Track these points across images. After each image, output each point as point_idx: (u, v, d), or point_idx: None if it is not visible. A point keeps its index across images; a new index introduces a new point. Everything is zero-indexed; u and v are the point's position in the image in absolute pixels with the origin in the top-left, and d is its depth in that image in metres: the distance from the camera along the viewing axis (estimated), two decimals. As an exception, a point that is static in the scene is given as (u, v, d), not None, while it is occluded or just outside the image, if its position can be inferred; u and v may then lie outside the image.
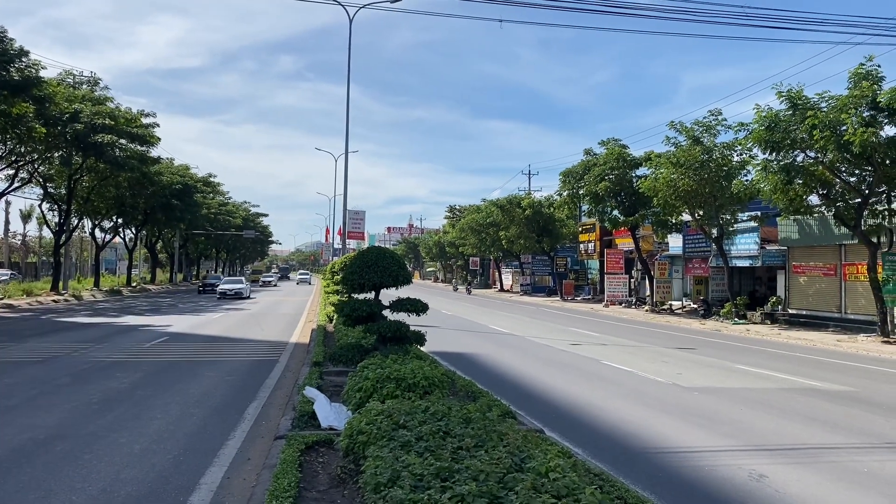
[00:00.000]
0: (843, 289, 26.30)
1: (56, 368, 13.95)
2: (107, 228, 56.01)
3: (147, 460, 7.46)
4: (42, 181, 41.70)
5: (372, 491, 4.21)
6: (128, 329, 22.82)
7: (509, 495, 3.77)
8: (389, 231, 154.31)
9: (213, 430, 8.88)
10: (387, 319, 12.05)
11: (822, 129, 20.56)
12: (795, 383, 13.99)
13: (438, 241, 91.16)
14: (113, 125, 36.65)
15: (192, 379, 12.87)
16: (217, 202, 73.31)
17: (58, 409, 10.03)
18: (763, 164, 23.82)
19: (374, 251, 12.33)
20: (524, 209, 53.43)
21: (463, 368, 13.66)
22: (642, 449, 8.49)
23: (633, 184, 36.69)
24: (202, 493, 6.42)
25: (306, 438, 7.11)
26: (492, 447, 4.75)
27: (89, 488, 6.52)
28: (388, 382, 8.01)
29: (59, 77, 38.09)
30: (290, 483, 5.45)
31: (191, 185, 57.02)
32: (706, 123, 29.48)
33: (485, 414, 6.08)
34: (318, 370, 11.67)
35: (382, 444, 5.00)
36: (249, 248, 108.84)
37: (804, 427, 9.91)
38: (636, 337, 23.67)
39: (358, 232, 52.48)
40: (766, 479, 7.22)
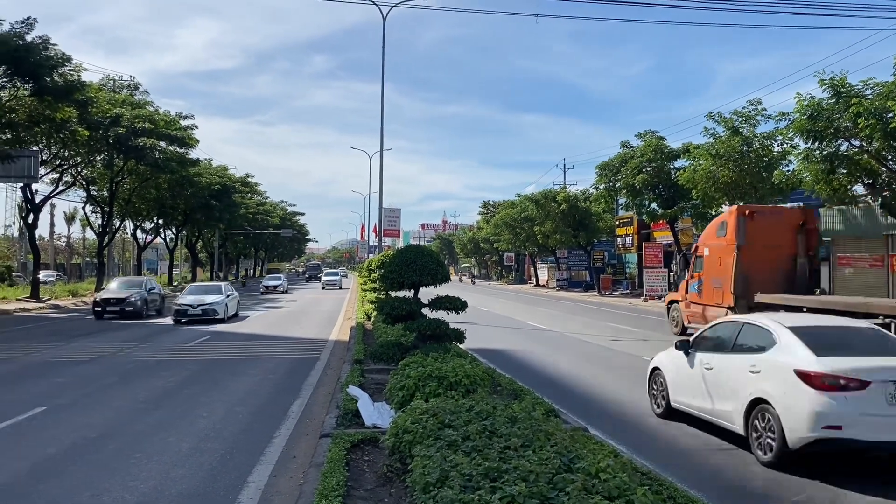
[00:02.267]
0: (891, 281, 25.63)
1: (103, 368, 14.27)
2: (148, 229, 57.08)
3: (195, 459, 7.59)
4: (85, 184, 42.64)
5: (421, 491, 4.23)
6: (171, 328, 23.24)
7: (560, 496, 3.76)
8: (423, 228, 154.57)
9: (259, 428, 9.00)
10: (426, 317, 12.08)
11: (867, 116, 20.02)
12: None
13: (473, 238, 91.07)
14: (152, 128, 37.32)
15: (235, 377, 13.06)
16: (255, 202, 74.21)
17: (107, 408, 10.26)
18: (805, 153, 23.29)
19: (413, 250, 12.37)
20: (559, 203, 53.05)
21: (502, 365, 13.62)
22: (688, 447, 8.39)
23: (671, 176, 36.21)
24: (250, 492, 6.51)
25: (351, 437, 7.16)
26: (539, 447, 4.74)
27: (141, 486, 6.65)
28: (430, 381, 8.03)
29: (100, 82, 38.91)
30: (339, 482, 5.50)
31: (229, 186, 57.77)
32: (745, 113, 28.94)
33: (530, 413, 6.06)
34: (360, 368, 11.75)
35: (429, 444, 5.02)
36: (287, 247, 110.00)
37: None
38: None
39: (393, 229, 52.97)
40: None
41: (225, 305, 25.28)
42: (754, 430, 7.53)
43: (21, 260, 60.24)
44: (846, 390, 6.84)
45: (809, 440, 6.88)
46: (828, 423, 6.78)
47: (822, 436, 6.82)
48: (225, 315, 24.97)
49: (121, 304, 26.24)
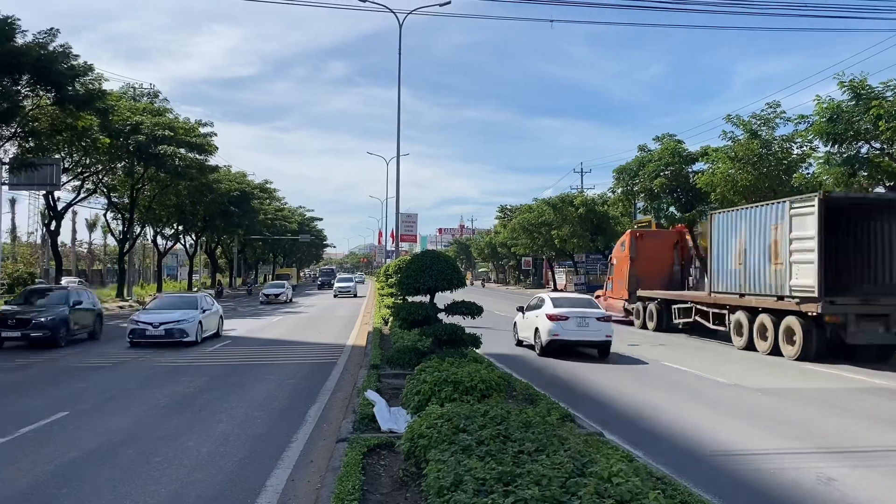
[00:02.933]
0: (913, 283, 25.30)
1: (124, 373, 14.45)
2: (168, 236, 57.63)
3: (215, 463, 7.69)
4: (106, 191, 43.13)
5: (435, 495, 4.27)
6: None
7: (572, 500, 3.79)
8: (441, 232, 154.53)
9: (277, 433, 9.08)
10: (442, 322, 12.13)
11: (888, 118, 19.84)
12: (866, 383, 13.59)
13: (490, 242, 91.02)
14: (172, 135, 37.70)
15: (254, 382, 13.17)
16: (273, 208, 74.68)
17: (128, 413, 10.39)
18: (825, 156, 23.14)
19: (429, 255, 12.44)
20: (577, 207, 52.93)
21: (518, 370, 13.64)
22: (704, 452, 8.36)
23: (689, 179, 35.96)
24: (268, 495, 6.58)
25: (368, 441, 7.22)
26: (553, 451, 4.76)
27: (162, 490, 6.75)
28: (446, 386, 8.07)
29: (120, 90, 39.39)
30: (355, 486, 5.55)
31: (248, 192, 58.19)
32: (764, 116, 28.71)
33: (544, 418, 6.09)
34: (376, 373, 11.82)
35: (444, 448, 5.06)
36: (305, 252, 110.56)
37: (875, 428, 9.62)
38: (697, 336, 23.22)
39: (410, 234, 53.05)
40: (836, 483, 7.04)
41: (198, 324, 19.42)
42: (535, 341, 17.70)
43: (44, 266, 60.99)
44: (560, 320, 16.83)
45: (549, 341, 16.98)
46: (554, 334, 16.88)
47: (552, 339, 16.93)
48: (198, 336, 19.31)
49: (24, 326, 18.03)
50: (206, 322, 20.47)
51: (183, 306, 20.48)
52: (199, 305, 20.59)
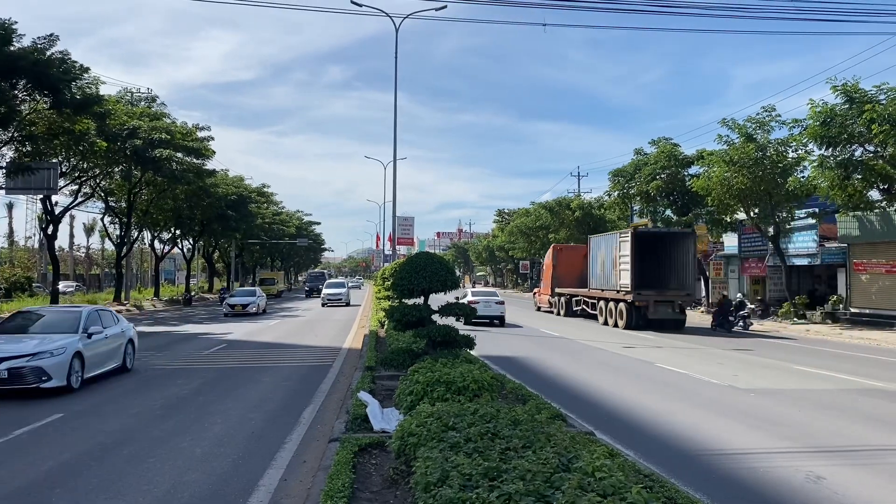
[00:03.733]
0: (908, 286, 25.49)
1: (120, 376, 14.46)
2: (165, 240, 57.63)
3: (208, 463, 7.73)
4: (104, 195, 43.15)
5: (422, 490, 4.32)
6: (187, 337, 23.49)
7: (556, 494, 3.84)
8: (439, 236, 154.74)
9: (270, 434, 9.12)
10: (436, 324, 12.18)
11: (880, 122, 20.00)
12: (857, 384, 13.63)
13: (488, 246, 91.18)
14: (169, 140, 37.74)
15: (249, 384, 13.21)
16: (271, 212, 74.66)
17: (122, 415, 10.43)
18: (819, 159, 23.27)
19: (423, 257, 12.49)
20: (574, 211, 53.11)
21: (513, 372, 13.69)
22: (696, 451, 8.42)
23: (685, 183, 36.15)
24: (260, 495, 6.63)
25: (360, 441, 7.27)
26: (539, 448, 4.82)
27: (154, 490, 6.79)
28: (438, 386, 8.13)
29: (118, 95, 39.46)
30: (345, 484, 5.60)
31: (245, 196, 58.21)
32: (759, 120, 28.88)
33: (533, 416, 6.14)
34: (371, 374, 11.86)
35: (432, 446, 5.11)
36: (303, 256, 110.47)
37: (865, 428, 9.68)
38: (691, 339, 23.31)
39: (407, 238, 52.92)
40: (825, 482, 7.09)
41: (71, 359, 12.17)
42: None
43: (41, 271, 61.03)
44: (475, 303, 24.47)
45: None
46: None
47: None
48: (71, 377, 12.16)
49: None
50: (93, 353, 13.15)
51: (48, 329, 13.31)
52: (79, 327, 13.15)
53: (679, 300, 27.05)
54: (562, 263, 35.88)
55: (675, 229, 33.66)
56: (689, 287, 27.68)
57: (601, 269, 30.23)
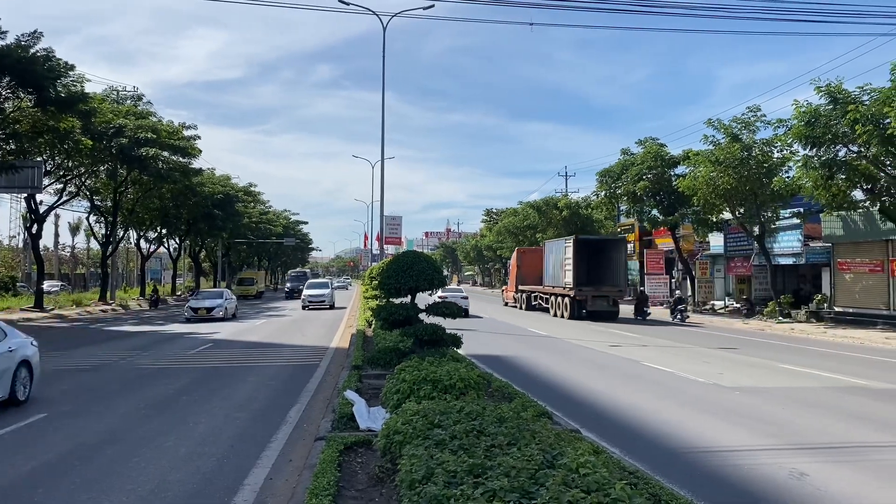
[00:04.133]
0: (892, 285, 25.68)
1: (105, 376, 14.38)
2: (151, 239, 57.28)
3: (193, 463, 7.69)
4: (89, 194, 42.87)
5: (407, 488, 4.32)
6: (173, 337, 23.36)
7: (540, 490, 3.85)
8: (427, 236, 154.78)
9: (256, 433, 9.09)
10: (423, 323, 12.18)
11: (864, 122, 20.15)
12: (840, 382, 13.75)
13: (476, 245, 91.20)
14: (155, 138, 37.52)
15: (235, 384, 13.16)
16: (258, 211, 74.35)
17: (107, 415, 10.36)
18: (804, 159, 23.42)
19: (410, 256, 12.48)
20: (561, 210, 53.21)
21: (500, 370, 13.71)
22: (681, 448, 8.46)
23: (671, 183, 36.31)
24: (245, 494, 6.61)
25: (345, 439, 7.26)
26: (524, 445, 4.83)
27: (139, 489, 6.75)
28: (425, 384, 8.13)
29: (103, 93, 39.19)
30: (330, 482, 5.59)
31: (232, 195, 57.94)
32: (745, 120, 29.05)
33: (519, 414, 6.16)
34: (357, 373, 11.84)
35: (418, 444, 5.11)
36: (290, 256, 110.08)
37: (848, 425, 9.76)
38: (677, 337, 23.43)
39: (395, 237, 52.83)
40: (808, 478, 7.15)
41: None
42: None
43: (25, 270, 60.51)
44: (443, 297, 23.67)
45: None
46: None
47: None
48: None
49: None
50: None
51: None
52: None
53: (612, 295, 32.34)
54: (524, 265, 40.73)
55: (609, 236, 41.32)
56: (620, 284, 33.30)
57: (552, 270, 35.25)
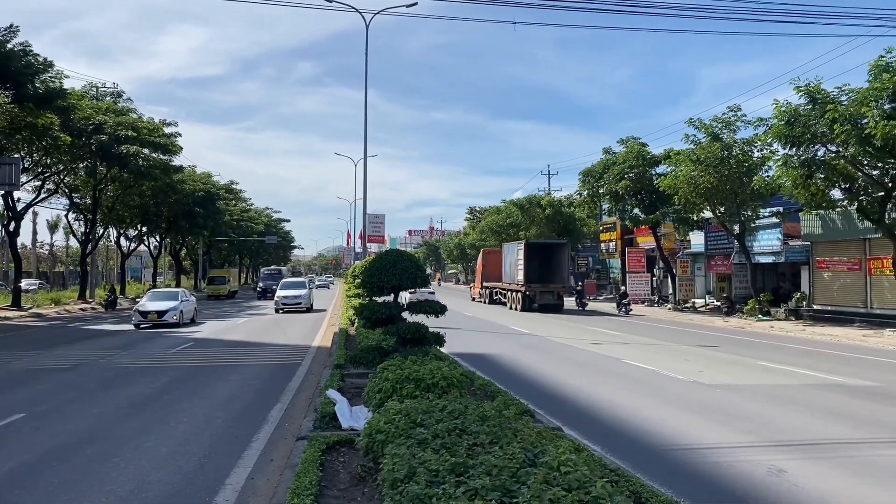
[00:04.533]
0: (869, 283, 26.01)
1: (84, 375, 14.25)
2: (132, 237, 56.83)
3: (174, 462, 7.64)
4: (68, 191, 42.42)
5: (389, 487, 4.33)
6: (154, 336, 23.17)
7: (521, 489, 3.87)
8: (410, 234, 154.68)
9: (238, 432, 9.05)
10: (406, 321, 12.18)
11: (842, 122, 20.36)
12: (818, 379, 13.91)
13: (459, 243, 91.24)
14: (136, 135, 37.17)
15: (216, 383, 13.08)
16: (239, 209, 73.99)
17: (87, 414, 10.27)
18: (783, 159, 23.64)
19: (393, 254, 12.47)
20: (544, 209, 53.37)
21: (483, 369, 13.73)
22: (662, 446, 8.53)
23: (653, 182, 36.54)
24: (227, 493, 6.57)
25: (327, 439, 7.25)
26: (506, 443, 4.84)
27: (118, 490, 6.70)
28: (408, 383, 8.13)
29: (83, 89, 38.79)
30: (312, 481, 5.58)
31: (213, 193, 57.60)
32: (725, 120, 29.28)
33: (501, 412, 6.18)
34: (340, 372, 11.82)
35: (400, 443, 5.11)
36: (272, 254, 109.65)
37: (826, 422, 9.88)
38: (658, 335, 23.59)
39: (378, 235, 52.63)
40: (786, 474, 7.23)
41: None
42: None
43: (3, 268, 59.75)
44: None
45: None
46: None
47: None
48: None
49: None
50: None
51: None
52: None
53: (556, 290, 37.44)
54: (488, 264, 45.71)
55: (554, 240, 45.41)
56: (564, 281, 38.70)
57: (509, 269, 40.60)
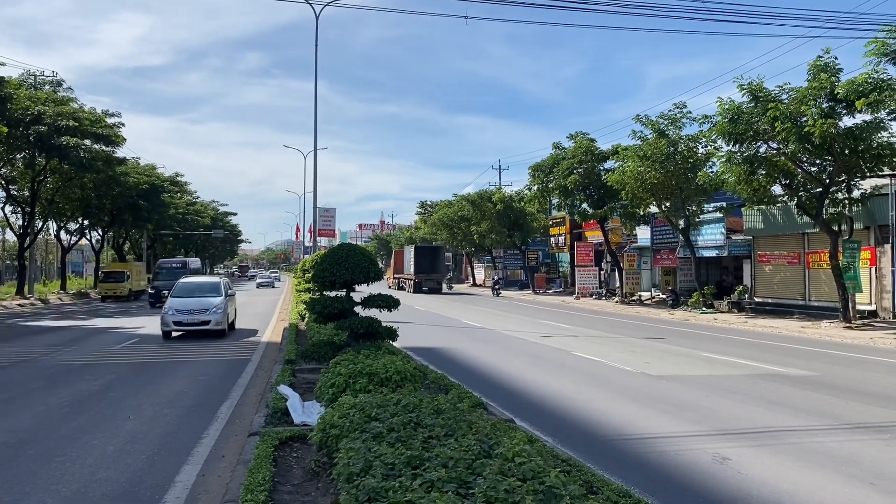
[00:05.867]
0: (807, 276, 26.91)
1: (25, 372, 13.82)
2: (73, 230, 55.23)
3: (121, 461, 7.49)
4: (5, 183, 40.98)
5: (345, 481, 4.32)
6: (97, 332, 22.59)
7: (477, 480, 3.91)
8: (361, 228, 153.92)
9: (187, 429, 8.91)
10: (358, 316, 12.14)
11: (783, 120, 20.98)
12: (760, 369, 14.35)
13: (411, 237, 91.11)
14: (77, 126, 36.08)
15: (164, 380, 12.84)
16: (185, 202, 72.48)
17: (28, 413, 9.97)
18: (727, 155, 24.24)
19: (345, 248, 12.41)
20: (495, 204, 53.71)
21: (436, 362, 13.79)
22: (611, 436, 8.70)
23: (601, 177, 37.09)
24: (177, 491, 6.48)
25: (280, 434, 7.19)
26: (461, 436, 4.89)
27: (63, 490, 6.54)
28: (361, 377, 8.11)
29: (20, 78, 37.44)
30: (265, 477, 5.54)
31: (158, 185, 56.32)
32: (671, 116, 29.91)
33: (455, 405, 6.22)
34: (291, 368, 11.72)
35: (355, 437, 5.11)
36: (219, 248, 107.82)
37: (767, 411, 10.20)
38: (606, 328, 24.00)
39: (329, 229, 52.23)
40: (730, 462, 7.46)
41: None
42: None
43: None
44: None
45: None
46: None
47: None
48: None
49: None
50: None
51: None
52: None
53: (436, 279, 55.14)
54: (397, 261, 63.78)
55: (436, 244, 61.97)
56: (442, 272, 57.51)
57: (407, 264, 57.43)
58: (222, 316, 20.39)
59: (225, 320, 20.65)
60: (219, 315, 20.22)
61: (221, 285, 22.25)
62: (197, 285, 22.32)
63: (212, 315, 20.03)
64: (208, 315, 19.98)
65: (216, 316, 20.12)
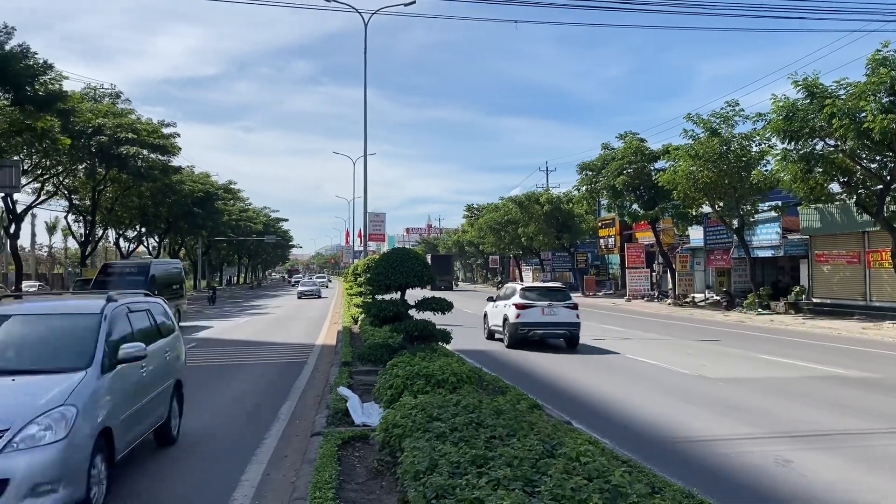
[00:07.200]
0: (868, 276, 26.17)
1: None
2: (131, 238, 56.83)
3: (187, 462, 7.74)
4: (67, 193, 42.42)
5: (412, 479, 4.44)
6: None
7: (542, 478, 3.99)
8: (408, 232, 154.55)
9: (249, 430, 9.14)
10: (413, 318, 12.29)
11: (840, 116, 20.49)
12: (819, 371, 14.05)
13: (457, 241, 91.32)
14: (135, 137, 37.15)
15: (223, 383, 13.17)
16: (238, 208, 74.01)
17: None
18: (782, 153, 23.77)
19: (399, 253, 12.60)
20: (542, 205, 53.46)
21: (488, 365, 13.86)
22: (668, 439, 8.65)
23: (651, 177, 36.64)
24: (245, 489, 6.67)
25: (342, 434, 7.36)
26: (523, 436, 4.96)
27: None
28: (418, 379, 8.24)
29: (82, 91, 38.74)
30: (331, 475, 5.69)
31: (212, 193, 57.64)
32: (723, 115, 29.43)
33: (514, 406, 6.30)
34: (348, 370, 11.93)
35: (418, 436, 5.23)
36: (270, 253, 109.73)
37: (828, 414, 10.02)
38: (660, 330, 23.73)
39: (378, 234, 52.74)
40: (793, 465, 7.36)
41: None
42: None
43: (2, 270, 59.74)
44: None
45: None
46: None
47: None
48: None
49: None
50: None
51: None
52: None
53: (447, 280, 63.87)
54: None
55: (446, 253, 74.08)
56: (452, 275, 65.93)
57: None
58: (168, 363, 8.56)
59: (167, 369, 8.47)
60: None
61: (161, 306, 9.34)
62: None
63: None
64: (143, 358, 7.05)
65: None
